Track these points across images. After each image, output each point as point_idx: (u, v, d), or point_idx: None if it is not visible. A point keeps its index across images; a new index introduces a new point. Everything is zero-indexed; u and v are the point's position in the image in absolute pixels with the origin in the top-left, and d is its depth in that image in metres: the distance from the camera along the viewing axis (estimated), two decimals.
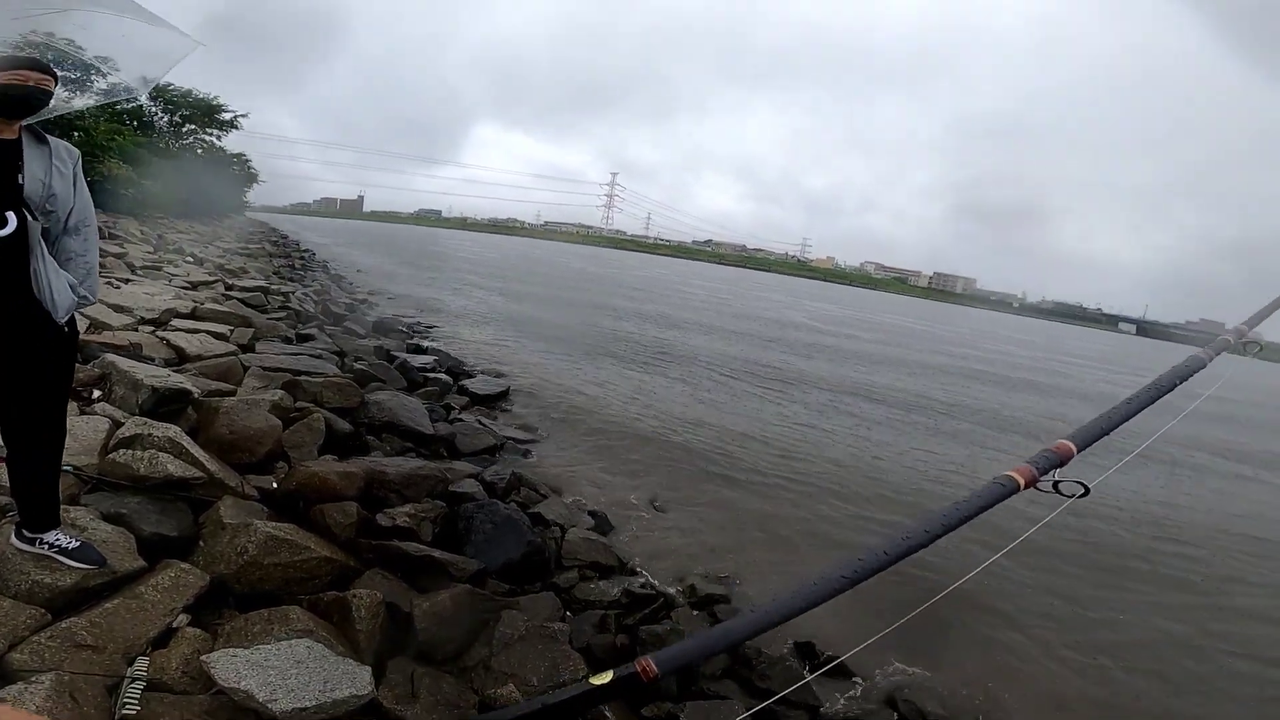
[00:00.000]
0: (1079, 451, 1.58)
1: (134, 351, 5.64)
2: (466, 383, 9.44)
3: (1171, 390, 1.90)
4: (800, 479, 8.14)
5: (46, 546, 2.60)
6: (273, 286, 13.38)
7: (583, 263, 59.18)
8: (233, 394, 5.42)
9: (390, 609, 3.34)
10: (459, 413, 8.05)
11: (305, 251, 28.84)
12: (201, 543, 3.14)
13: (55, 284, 2.34)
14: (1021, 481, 1.50)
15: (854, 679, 4.03)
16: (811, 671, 3.72)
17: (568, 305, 24.88)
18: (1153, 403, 1.84)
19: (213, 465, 3.77)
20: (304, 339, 9.30)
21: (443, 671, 3.19)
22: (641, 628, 4.17)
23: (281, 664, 2.41)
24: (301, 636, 2.62)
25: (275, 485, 4.19)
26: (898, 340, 31.01)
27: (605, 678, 1.23)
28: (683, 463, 8.01)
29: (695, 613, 4.60)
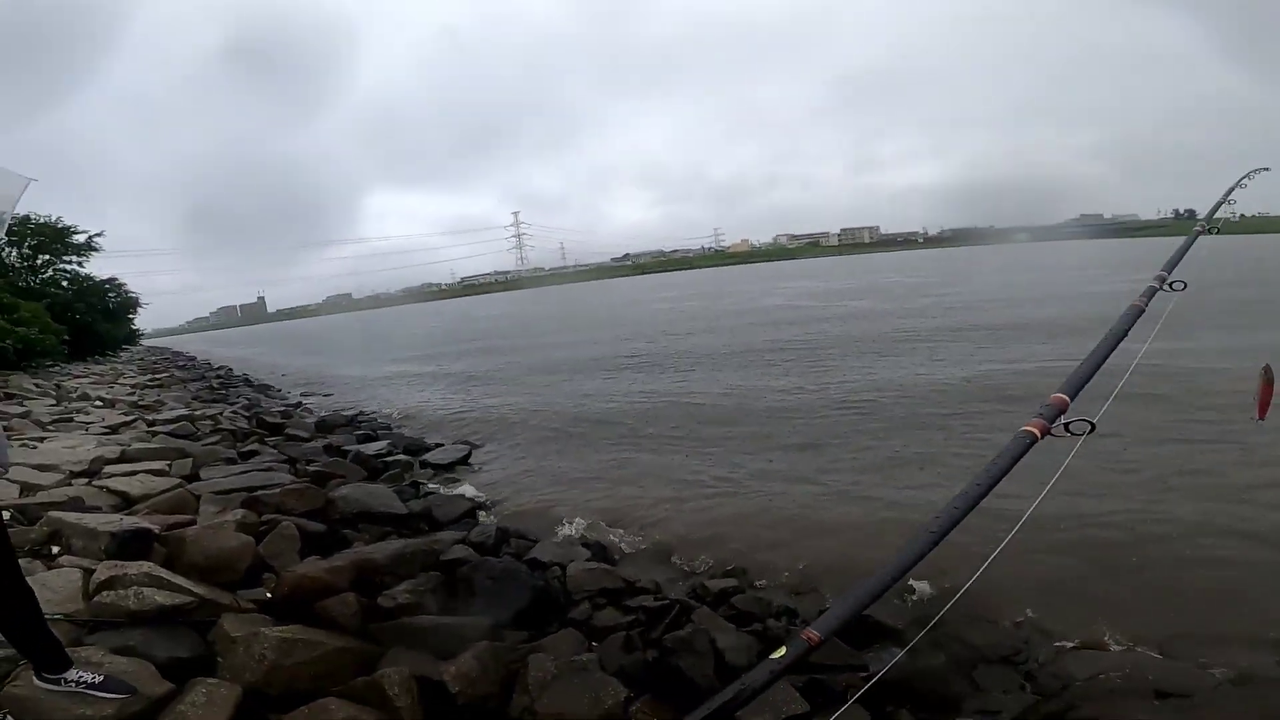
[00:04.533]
0: (1072, 399, 1.81)
1: (76, 505, 5.38)
2: (427, 456, 9.37)
3: (1126, 335, 2.20)
4: (788, 470, 8.28)
5: (73, 684, 2.57)
6: (197, 412, 12.80)
7: (498, 310, 58.40)
8: (192, 523, 5.25)
9: (421, 681, 3.34)
10: (428, 486, 7.97)
11: (220, 369, 27.71)
12: (220, 658, 3.13)
13: None
14: (1038, 433, 1.69)
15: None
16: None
17: (508, 353, 24.57)
18: (1115, 348, 2.12)
19: (199, 588, 3.70)
20: (248, 456, 8.97)
21: None
22: (666, 637, 4.24)
23: None
24: None
25: (269, 595, 4.13)
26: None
27: (780, 652, 1.35)
28: (659, 475, 8.13)
29: (714, 612, 4.69)
